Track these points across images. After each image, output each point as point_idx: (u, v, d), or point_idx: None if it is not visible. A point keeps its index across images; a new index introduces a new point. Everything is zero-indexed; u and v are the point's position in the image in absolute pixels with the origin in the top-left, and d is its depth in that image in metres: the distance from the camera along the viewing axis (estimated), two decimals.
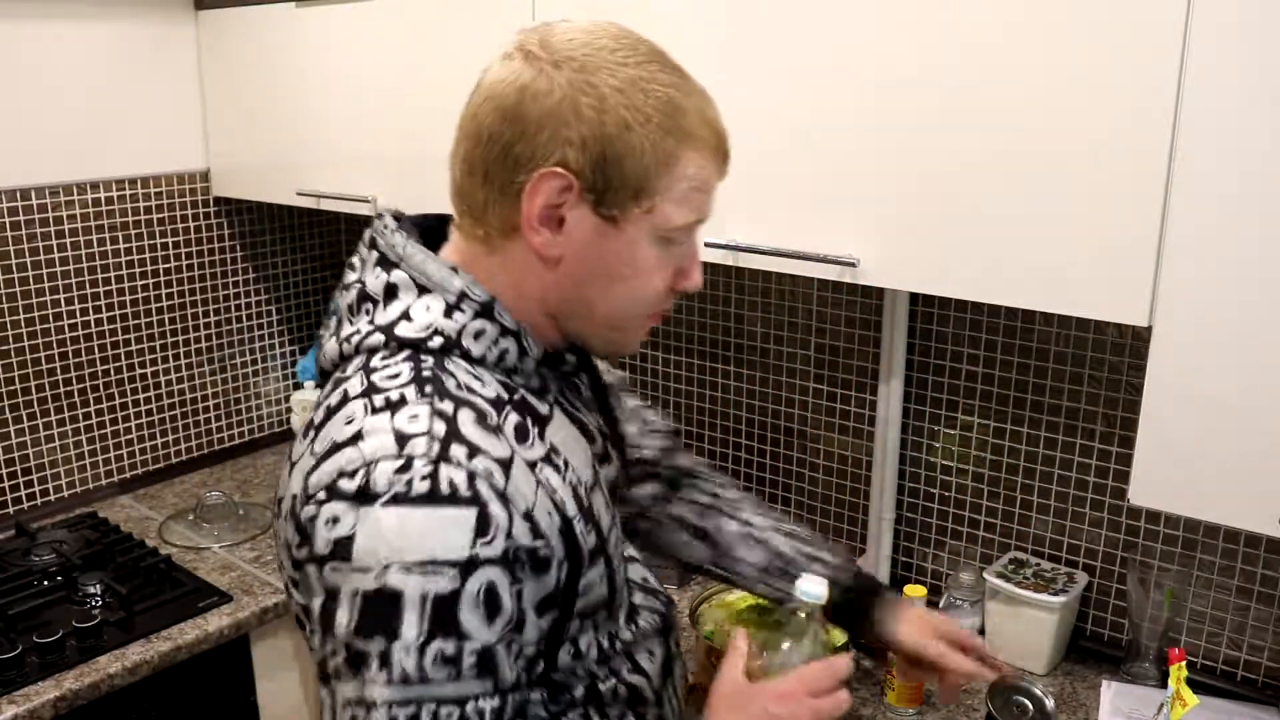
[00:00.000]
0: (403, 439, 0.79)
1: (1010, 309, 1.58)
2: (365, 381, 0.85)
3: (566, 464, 0.88)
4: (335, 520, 0.78)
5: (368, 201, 1.89)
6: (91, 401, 2.16)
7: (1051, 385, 1.57)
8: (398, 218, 0.94)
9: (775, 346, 1.85)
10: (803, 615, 0.98)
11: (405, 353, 0.86)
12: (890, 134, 1.26)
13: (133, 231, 2.17)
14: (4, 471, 2.05)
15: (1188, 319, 1.09)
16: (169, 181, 2.21)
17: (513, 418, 0.86)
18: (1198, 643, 1.52)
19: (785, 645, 0.98)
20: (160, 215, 2.21)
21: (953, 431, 1.68)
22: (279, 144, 2.06)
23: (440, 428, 0.80)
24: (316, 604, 0.80)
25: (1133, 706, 1.43)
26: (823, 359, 1.80)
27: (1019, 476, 1.64)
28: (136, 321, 2.20)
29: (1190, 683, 1.24)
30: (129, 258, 2.17)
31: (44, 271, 2.05)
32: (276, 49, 2.01)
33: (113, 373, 2.18)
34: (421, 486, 0.77)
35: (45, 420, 2.09)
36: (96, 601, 1.74)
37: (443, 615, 0.76)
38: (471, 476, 0.78)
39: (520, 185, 0.84)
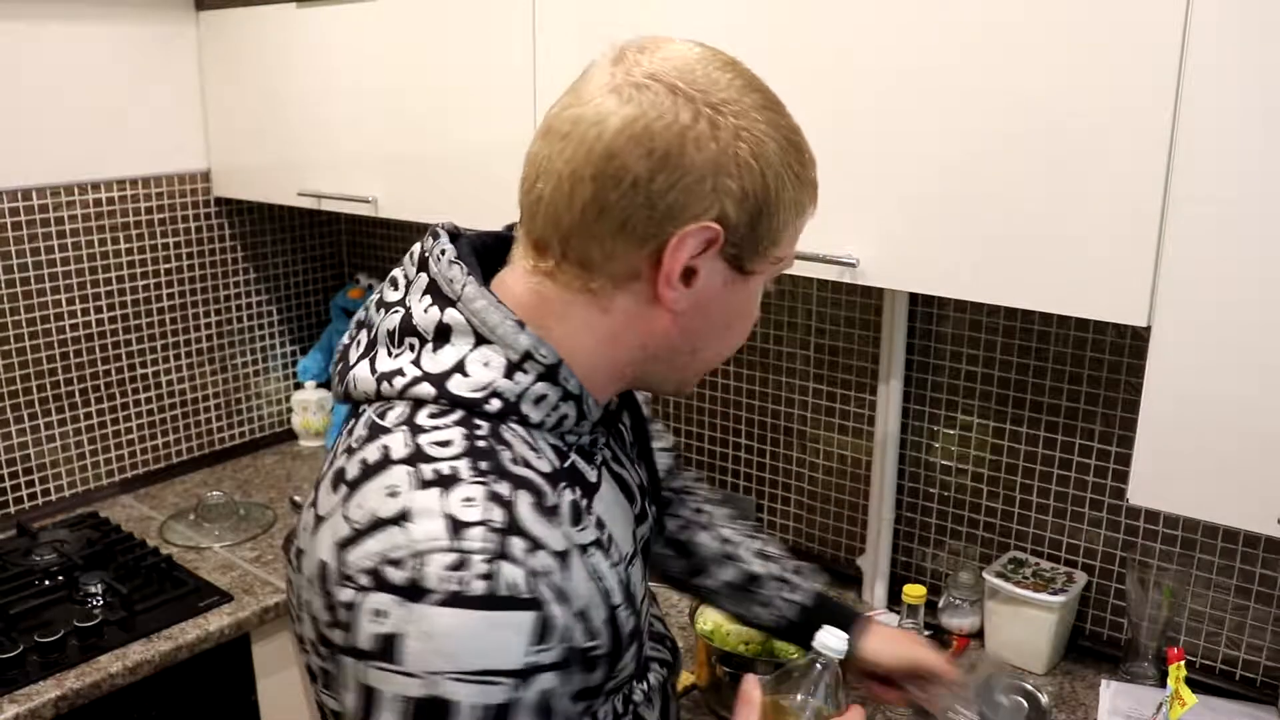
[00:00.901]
0: (457, 527, 0.71)
1: (1010, 309, 1.59)
2: (411, 444, 0.75)
3: (610, 539, 0.81)
4: (381, 614, 0.70)
5: (368, 201, 1.89)
6: (92, 401, 2.16)
7: (1051, 385, 1.57)
8: (455, 235, 0.85)
9: (775, 346, 1.85)
10: (819, 667, 0.95)
11: (458, 414, 0.77)
12: (890, 134, 1.26)
13: (133, 231, 2.17)
14: (5, 471, 2.06)
15: (1188, 319, 1.10)
16: (169, 182, 2.22)
17: (567, 495, 0.78)
18: (1197, 642, 1.52)
19: (798, 697, 0.94)
20: (160, 215, 2.21)
21: (952, 431, 1.69)
22: (279, 144, 2.06)
23: (499, 516, 0.72)
24: (350, 700, 0.73)
25: (1132, 706, 1.44)
26: (823, 359, 1.80)
27: (1019, 476, 1.64)
28: (137, 321, 2.20)
29: (1189, 682, 1.25)
30: (129, 258, 2.17)
31: (44, 271, 2.05)
32: (277, 49, 2.01)
33: (113, 373, 2.18)
34: (479, 586, 0.69)
35: (46, 420, 2.09)
36: (97, 601, 1.75)
37: None
38: (533, 575, 0.71)
39: (667, 237, 0.75)
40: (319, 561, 0.75)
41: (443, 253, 0.81)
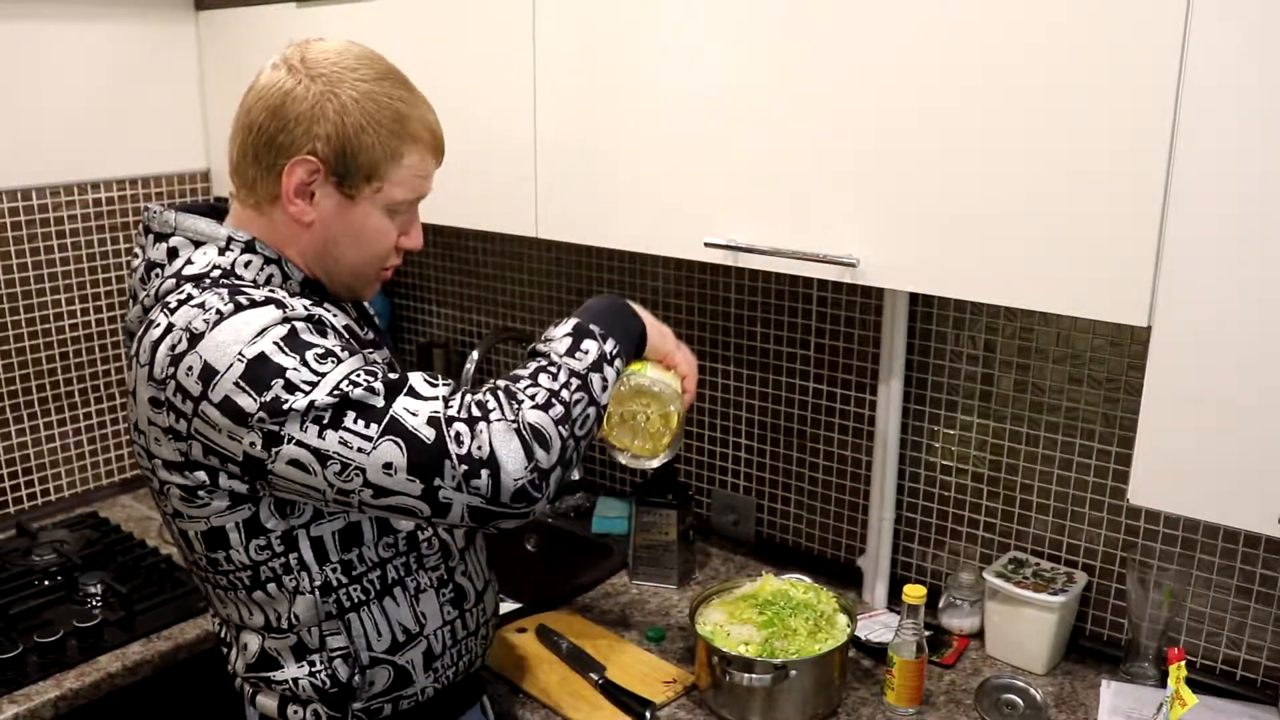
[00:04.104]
0: (200, 305, 1.06)
1: (1010, 309, 1.59)
2: (163, 307, 1.09)
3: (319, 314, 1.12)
4: (190, 368, 1.03)
5: None
6: (92, 401, 2.16)
7: (1051, 385, 1.57)
8: (170, 207, 1.19)
9: (775, 346, 1.85)
10: None
11: (191, 284, 1.10)
12: (890, 134, 1.26)
13: (133, 231, 2.17)
14: (4, 471, 2.06)
15: (1188, 319, 1.10)
16: (169, 181, 2.22)
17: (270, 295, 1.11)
18: (1197, 642, 1.52)
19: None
20: None
21: (952, 431, 1.69)
22: None
23: (225, 292, 1.07)
24: (225, 424, 1.02)
25: (1132, 706, 1.44)
26: (823, 359, 1.80)
27: (1018, 476, 1.64)
28: None
29: (1189, 682, 1.24)
30: (129, 258, 2.17)
31: (44, 271, 2.05)
32: (277, 49, 2.00)
33: (113, 373, 2.18)
34: (228, 308, 1.05)
35: (45, 420, 2.09)
36: (97, 601, 1.75)
37: (295, 343, 1.04)
38: (261, 295, 1.07)
39: (281, 167, 1.11)
40: (146, 401, 1.08)
41: (156, 213, 1.16)
